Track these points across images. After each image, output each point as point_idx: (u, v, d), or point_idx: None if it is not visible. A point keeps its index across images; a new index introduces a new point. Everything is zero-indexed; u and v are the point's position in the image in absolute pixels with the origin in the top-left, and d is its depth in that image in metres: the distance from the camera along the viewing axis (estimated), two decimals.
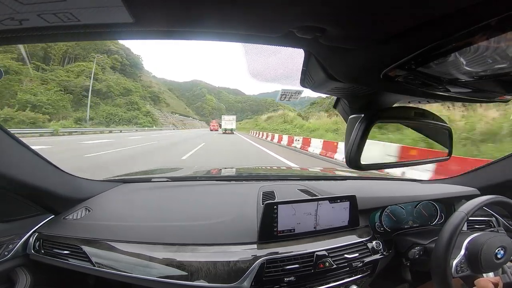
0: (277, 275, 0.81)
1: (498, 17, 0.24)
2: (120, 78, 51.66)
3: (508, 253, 0.83)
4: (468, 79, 0.39)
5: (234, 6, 0.30)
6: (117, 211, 1.05)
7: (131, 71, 60.46)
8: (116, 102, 44.66)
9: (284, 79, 0.66)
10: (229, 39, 0.40)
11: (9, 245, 0.87)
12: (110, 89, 45.02)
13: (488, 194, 0.87)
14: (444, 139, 0.76)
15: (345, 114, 0.69)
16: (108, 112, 41.09)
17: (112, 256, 0.84)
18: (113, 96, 45.21)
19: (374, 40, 0.35)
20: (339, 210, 0.96)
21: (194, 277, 0.78)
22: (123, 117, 42.50)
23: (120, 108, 43.79)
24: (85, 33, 0.36)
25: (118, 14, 0.30)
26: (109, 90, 44.70)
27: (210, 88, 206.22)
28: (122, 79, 51.89)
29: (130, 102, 47.05)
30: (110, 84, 45.50)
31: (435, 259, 0.78)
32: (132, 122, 43.23)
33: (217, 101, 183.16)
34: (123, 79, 52.10)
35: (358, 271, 0.92)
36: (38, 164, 0.89)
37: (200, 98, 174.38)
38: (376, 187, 1.40)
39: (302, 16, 0.32)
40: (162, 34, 0.38)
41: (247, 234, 0.89)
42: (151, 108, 56.19)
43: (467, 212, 0.81)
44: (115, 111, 42.19)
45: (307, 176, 1.76)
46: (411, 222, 1.19)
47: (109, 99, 44.22)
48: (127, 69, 58.43)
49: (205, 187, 1.30)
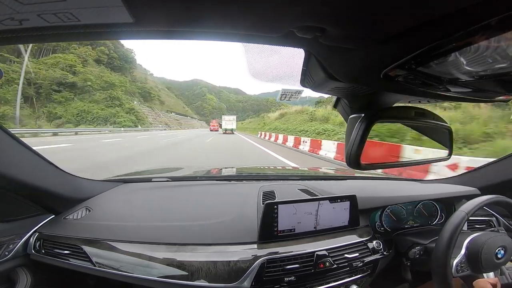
0: (277, 275, 0.81)
1: (498, 17, 0.24)
2: (104, 71, 45.98)
3: (508, 253, 0.83)
4: (469, 79, 0.39)
5: (234, 6, 0.30)
6: (117, 211, 1.05)
7: (120, 64, 54.36)
8: (94, 98, 38.58)
9: (284, 79, 0.66)
10: (229, 39, 0.40)
11: (10, 245, 0.87)
12: (88, 83, 38.79)
13: (488, 193, 0.87)
14: (445, 139, 0.76)
15: (345, 114, 0.69)
16: (80, 109, 34.80)
17: (112, 256, 0.84)
18: (92, 90, 39.12)
19: (374, 40, 0.35)
20: (340, 210, 0.96)
21: (194, 277, 0.78)
22: (99, 114, 36.09)
23: (97, 105, 37.74)
24: (85, 33, 0.36)
25: (118, 14, 0.30)
26: (87, 84, 38.61)
27: (210, 87, 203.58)
28: (106, 72, 46.17)
29: (111, 97, 39.98)
30: (88, 77, 39.42)
31: (435, 259, 0.78)
32: (109, 121, 36.24)
33: (218, 101, 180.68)
34: (107, 73, 46.29)
35: (358, 271, 0.92)
36: (39, 164, 0.89)
37: (200, 97, 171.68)
38: (377, 187, 1.40)
39: (302, 16, 0.32)
40: (162, 34, 0.38)
41: (247, 234, 0.89)
42: (139, 105, 49.88)
43: (468, 211, 0.80)
44: (89, 108, 35.90)
45: (307, 176, 1.76)
46: (411, 222, 1.19)
47: (86, 94, 38.26)
48: (115, 63, 52.52)
49: (205, 187, 1.30)
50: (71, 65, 38.71)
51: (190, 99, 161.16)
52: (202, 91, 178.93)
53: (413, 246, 1.00)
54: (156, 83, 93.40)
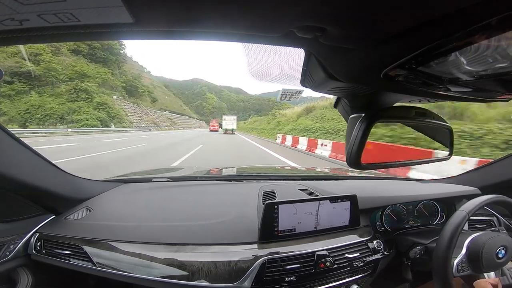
0: (278, 275, 0.81)
1: (498, 17, 0.24)
2: (79, 61, 38.55)
3: (509, 252, 0.82)
4: (469, 79, 0.39)
5: (234, 6, 0.30)
6: (118, 211, 1.05)
7: (104, 56, 46.89)
8: (57, 91, 31.44)
9: (285, 79, 0.66)
10: (229, 39, 0.40)
11: (10, 245, 0.87)
12: (50, 73, 31.70)
13: (489, 193, 0.87)
14: (445, 138, 0.76)
15: (345, 114, 0.69)
16: (31, 104, 27.89)
17: (113, 256, 0.84)
18: (56, 82, 31.74)
19: (374, 40, 0.35)
20: (340, 210, 0.96)
21: (195, 277, 0.78)
22: (53, 111, 28.63)
23: (57, 99, 30.62)
24: (85, 33, 0.36)
25: (118, 14, 0.30)
26: (49, 74, 31.51)
27: (211, 86, 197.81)
28: (81, 62, 38.61)
29: (76, 89, 32.20)
30: (53, 66, 32.33)
31: (436, 259, 0.78)
32: (66, 119, 28.72)
33: (218, 100, 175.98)
34: (82, 63, 38.68)
35: (359, 271, 0.92)
36: (39, 164, 0.89)
37: (200, 96, 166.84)
38: (377, 186, 1.40)
39: (302, 16, 0.32)
40: (162, 34, 0.38)
41: (248, 234, 0.89)
42: (120, 101, 40.58)
43: (468, 211, 0.80)
44: (43, 102, 28.92)
45: (307, 175, 1.76)
46: (412, 222, 1.18)
47: (48, 87, 31.15)
48: (97, 54, 45.23)
49: (205, 187, 1.30)
50: (38, 53, 31.54)
51: (190, 98, 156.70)
52: (202, 90, 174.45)
53: (414, 246, 1.00)
54: (153, 80, 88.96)
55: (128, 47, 61.56)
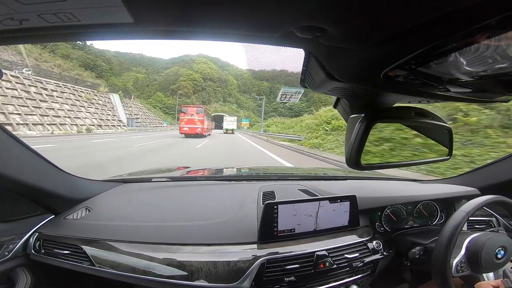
0: (277, 275, 0.81)
1: (498, 17, 0.24)
2: None
3: (508, 253, 0.83)
4: (469, 79, 0.39)
5: (234, 6, 0.30)
6: (117, 211, 1.05)
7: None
8: None
9: (284, 79, 0.66)
10: (229, 39, 0.40)
11: (10, 245, 0.87)
12: None
13: (488, 194, 0.87)
14: (445, 139, 0.76)
15: (345, 114, 0.69)
16: None
17: (112, 256, 0.84)
18: None
19: (374, 40, 0.35)
20: (340, 210, 0.96)
21: (194, 277, 0.78)
22: None
23: None
24: (85, 33, 0.36)
25: (118, 14, 0.30)
26: None
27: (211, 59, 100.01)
28: None
29: None
30: None
31: (435, 259, 0.78)
32: None
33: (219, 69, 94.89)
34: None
35: (358, 271, 0.92)
36: (38, 164, 0.89)
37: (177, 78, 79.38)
38: (377, 187, 1.40)
39: (302, 16, 0.32)
40: (162, 34, 0.38)
41: (247, 234, 0.89)
42: None
43: (468, 212, 0.81)
44: None
45: (307, 176, 1.76)
46: (411, 222, 1.18)
47: None
48: None
49: (205, 187, 1.30)
50: None
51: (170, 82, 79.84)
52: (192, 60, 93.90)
53: (413, 246, 1.00)
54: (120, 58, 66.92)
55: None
